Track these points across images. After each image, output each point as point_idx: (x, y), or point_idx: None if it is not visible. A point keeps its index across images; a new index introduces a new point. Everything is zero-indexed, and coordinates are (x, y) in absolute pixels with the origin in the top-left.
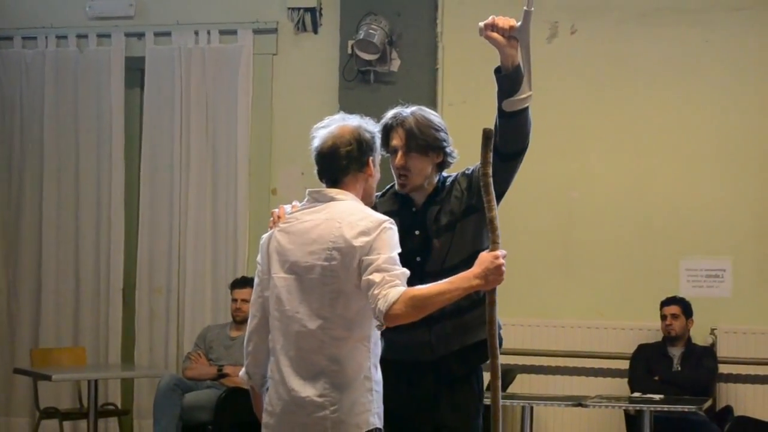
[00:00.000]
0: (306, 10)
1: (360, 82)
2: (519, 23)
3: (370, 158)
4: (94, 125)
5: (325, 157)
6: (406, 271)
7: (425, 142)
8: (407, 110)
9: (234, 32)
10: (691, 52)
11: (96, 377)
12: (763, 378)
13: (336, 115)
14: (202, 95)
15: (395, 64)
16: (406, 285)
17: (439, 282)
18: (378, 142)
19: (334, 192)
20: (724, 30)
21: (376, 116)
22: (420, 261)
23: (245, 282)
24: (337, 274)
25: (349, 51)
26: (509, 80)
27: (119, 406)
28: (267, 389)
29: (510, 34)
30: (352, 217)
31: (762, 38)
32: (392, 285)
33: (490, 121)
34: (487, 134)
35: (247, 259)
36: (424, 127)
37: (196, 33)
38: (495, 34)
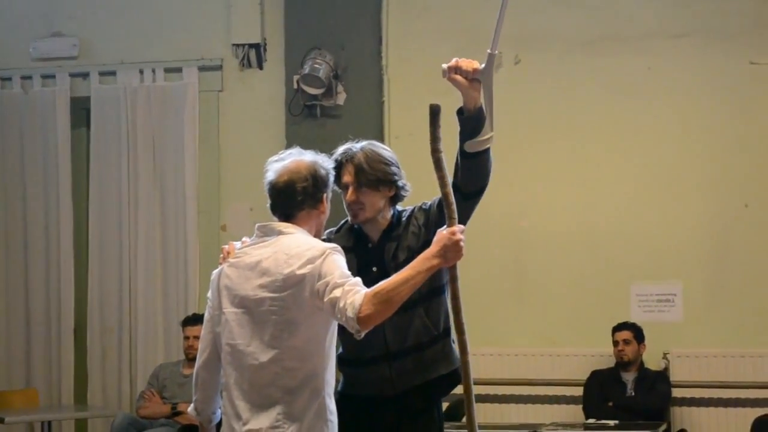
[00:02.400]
0: (251, 46)
1: (306, 117)
2: (482, 65)
3: (324, 194)
4: (41, 166)
5: (280, 192)
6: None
7: (375, 177)
8: (357, 145)
9: (179, 70)
10: (635, 79)
11: (49, 418)
12: (716, 401)
13: (292, 149)
14: (149, 133)
15: (341, 98)
16: (366, 288)
17: (400, 272)
18: (332, 178)
19: (282, 226)
20: (666, 57)
21: (324, 150)
22: None
23: (196, 319)
24: (287, 305)
25: (295, 86)
26: (472, 122)
27: None
28: (215, 426)
29: (473, 76)
30: (298, 248)
31: (703, 64)
32: (354, 293)
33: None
34: (433, 110)
35: (198, 295)
36: (373, 162)
37: (141, 72)
38: (458, 77)
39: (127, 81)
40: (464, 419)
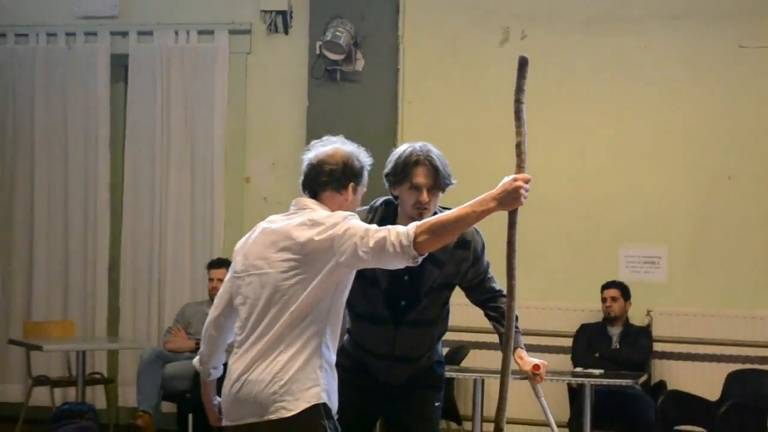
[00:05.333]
0: (278, 12)
1: (327, 80)
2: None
3: (351, 184)
4: (82, 117)
5: (311, 170)
6: None
7: (447, 182)
8: (424, 147)
9: (211, 32)
10: (630, 57)
11: (84, 348)
12: (694, 356)
13: (338, 137)
14: (182, 90)
15: (360, 64)
16: None
17: (457, 208)
18: (365, 174)
19: (309, 202)
20: (661, 37)
21: (342, 111)
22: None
23: (221, 263)
24: (304, 267)
25: (318, 51)
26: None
27: (105, 374)
28: (215, 381)
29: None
30: (320, 217)
31: (694, 44)
32: (399, 228)
33: (448, 117)
34: (521, 61)
35: (222, 241)
36: (446, 167)
37: (176, 33)
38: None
39: (163, 41)
40: (462, 363)
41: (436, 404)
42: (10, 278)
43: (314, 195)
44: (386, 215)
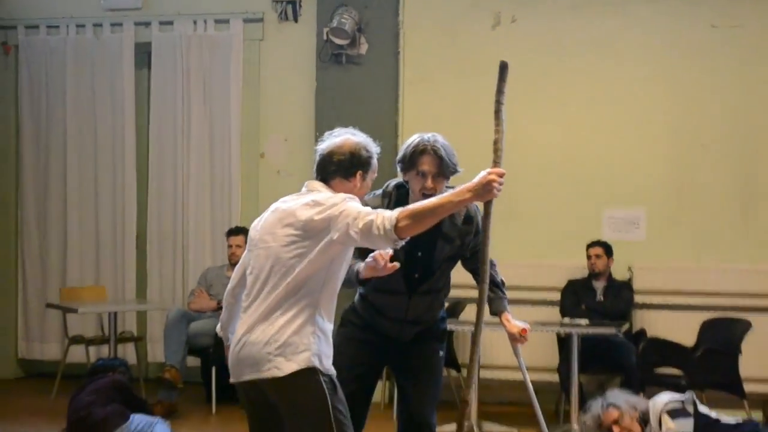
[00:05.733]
0: (288, 2)
1: (333, 63)
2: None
3: (359, 172)
4: (109, 101)
5: (322, 159)
6: None
7: (452, 170)
8: (433, 137)
9: (227, 21)
10: (615, 37)
11: (115, 310)
12: (671, 306)
13: (348, 129)
14: (200, 75)
15: (363, 48)
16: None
17: (434, 197)
18: (373, 162)
19: (318, 185)
20: (641, 18)
21: (347, 92)
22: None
23: (238, 230)
24: (302, 240)
25: (325, 37)
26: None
27: (135, 333)
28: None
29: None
30: (323, 198)
31: (672, 25)
32: (386, 213)
33: (445, 98)
34: (502, 66)
35: (240, 211)
36: (451, 156)
37: (195, 22)
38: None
39: (183, 30)
40: (460, 317)
41: (440, 353)
42: (47, 248)
43: (325, 181)
44: (399, 198)
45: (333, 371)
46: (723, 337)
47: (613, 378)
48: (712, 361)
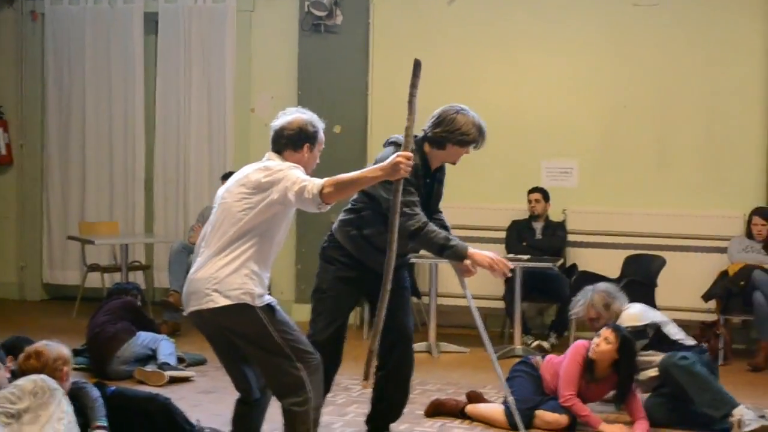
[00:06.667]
0: None
1: (314, 32)
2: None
3: (306, 145)
4: (122, 62)
5: (276, 133)
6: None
7: None
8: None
9: None
10: (552, 12)
11: (126, 242)
12: (599, 244)
13: (296, 108)
14: (200, 40)
15: (339, 19)
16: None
17: (354, 172)
18: (318, 136)
19: (273, 155)
20: None
21: (325, 56)
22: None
23: (231, 174)
24: (254, 199)
25: (306, 9)
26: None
27: (143, 262)
28: None
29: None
30: (272, 165)
31: (601, 2)
32: (315, 180)
33: (408, 63)
34: (416, 63)
35: (233, 158)
36: None
37: None
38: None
39: (185, 2)
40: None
41: (408, 279)
42: (68, 189)
43: (279, 152)
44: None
45: (267, 301)
46: (643, 270)
47: (549, 305)
48: (633, 291)
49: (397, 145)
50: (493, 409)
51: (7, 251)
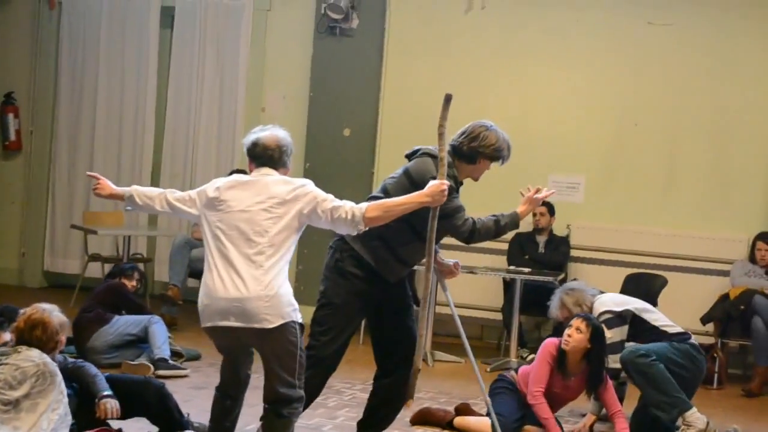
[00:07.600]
0: None
1: (329, 34)
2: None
3: (289, 161)
4: (136, 56)
5: (276, 149)
6: None
7: None
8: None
9: None
10: (566, 28)
11: (129, 234)
12: (601, 260)
13: (271, 126)
14: (215, 37)
15: (355, 23)
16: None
17: (400, 197)
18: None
19: (271, 170)
20: (589, 13)
21: (339, 59)
22: None
23: (238, 172)
24: (277, 208)
25: (322, 11)
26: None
27: (145, 255)
28: None
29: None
30: (289, 179)
31: (613, 20)
32: (347, 203)
33: (425, 70)
34: (447, 97)
35: (241, 156)
36: None
37: None
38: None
39: None
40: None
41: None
42: (75, 177)
43: (275, 168)
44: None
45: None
46: (643, 289)
47: (547, 319)
48: None
49: (433, 157)
50: (482, 422)
51: (10, 237)
